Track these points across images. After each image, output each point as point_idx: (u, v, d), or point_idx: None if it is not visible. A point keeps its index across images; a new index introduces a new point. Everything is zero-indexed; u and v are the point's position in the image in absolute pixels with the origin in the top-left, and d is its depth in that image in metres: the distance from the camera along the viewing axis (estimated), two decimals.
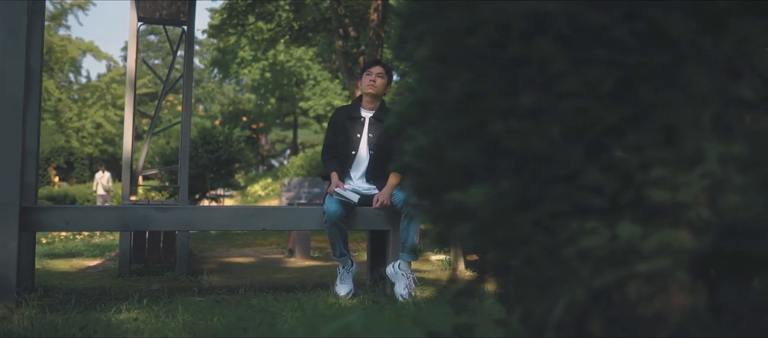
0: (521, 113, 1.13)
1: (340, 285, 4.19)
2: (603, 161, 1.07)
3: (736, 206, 1.05)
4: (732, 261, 1.11)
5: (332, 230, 4.06)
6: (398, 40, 1.43)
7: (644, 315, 1.06)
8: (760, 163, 1.16)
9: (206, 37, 26.14)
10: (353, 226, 4.20)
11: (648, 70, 1.09)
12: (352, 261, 4.26)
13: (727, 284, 1.12)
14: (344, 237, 4.15)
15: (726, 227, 1.08)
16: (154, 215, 3.75)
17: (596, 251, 1.06)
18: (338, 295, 4.08)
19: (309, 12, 16.88)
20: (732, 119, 1.15)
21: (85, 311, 3.39)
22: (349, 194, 4.08)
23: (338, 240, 4.11)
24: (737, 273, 1.12)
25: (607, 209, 1.07)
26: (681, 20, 1.10)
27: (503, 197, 1.10)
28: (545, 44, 1.12)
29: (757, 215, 1.08)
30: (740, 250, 1.09)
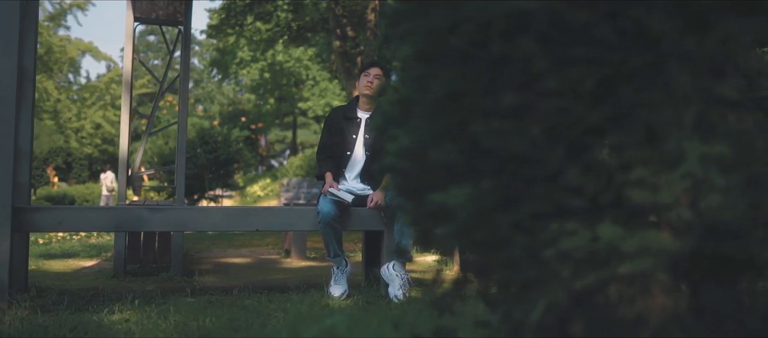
0: (502, 112, 1.12)
1: (335, 285, 4.17)
2: (584, 161, 1.06)
3: (717, 207, 1.04)
4: (714, 263, 1.10)
5: (326, 230, 4.05)
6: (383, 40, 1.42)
7: (625, 317, 1.05)
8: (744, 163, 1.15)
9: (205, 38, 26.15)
10: (347, 226, 4.18)
11: (630, 70, 1.08)
12: (347, 261, 4.24)
13: (710, 285, 1.11)
14: (338, 238, 4.13)
15: (708, 229, 1.07)
16: (148, 215, 3.74)
17: (577, 252, 1.05)
18: (332, 296, 4.07)
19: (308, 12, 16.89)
20: (715, 118, 1.14)
21: (77, 312, 3.38)
22: (343, 194, 4.07)
23: (332, 241, 4.10)
24: (720, 274, 1.11)
25: (588, 210, 1.06)
26: (663, 19, 1.09)
27: (483, 198, 1.09)
28: (527, 43, 1.11)
29: (739, 217, 1.07)
30: (723, 251, 1.08)
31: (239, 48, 28.67)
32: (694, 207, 1.04)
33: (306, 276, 5.21)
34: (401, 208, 1.33)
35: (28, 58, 3.86)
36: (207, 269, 5.68)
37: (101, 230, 4.33)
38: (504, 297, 1.16)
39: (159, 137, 21.28)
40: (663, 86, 1.06)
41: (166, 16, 7.43)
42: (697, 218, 1.05)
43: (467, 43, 1.17)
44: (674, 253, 1.06)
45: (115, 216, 3.75)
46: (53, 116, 33.11)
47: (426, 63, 1.23)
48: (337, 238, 4.12)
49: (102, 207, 4.26)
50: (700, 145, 1.04)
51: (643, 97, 1.06)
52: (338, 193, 4.07)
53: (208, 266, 5.97)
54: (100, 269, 5.70)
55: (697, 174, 1.02)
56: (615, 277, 1.04)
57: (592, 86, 1.07)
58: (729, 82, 1.13)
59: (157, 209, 3.85)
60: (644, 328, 1.05)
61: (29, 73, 3.88)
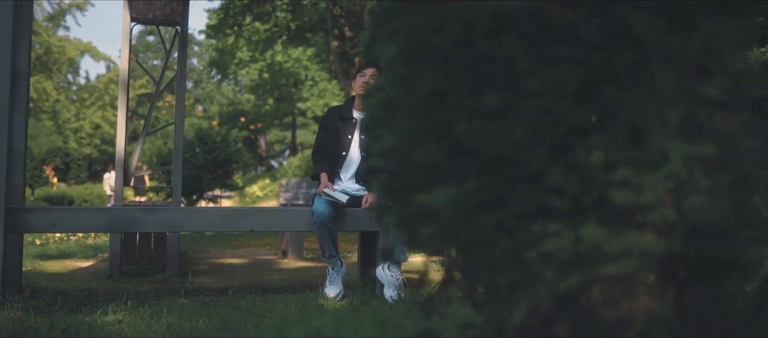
0: (486, 112, 1.11)
1: (330, 286, 4.16)
2: (567, 161, 1.05)
3: (701, 208, 1.03)
4: (699, 264, 1.10)
5: (321, 231, 4.04)
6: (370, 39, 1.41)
7: (609, 319, 1.04)
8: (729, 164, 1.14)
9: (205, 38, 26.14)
10: (342, 227, 4.18)
11: (613, 70, 1.07)
12: (342, 262, 4.24)
13: (695, 286, 1.10)
14: (333, 238, 4.12)
15: (693, 230, 1.07)
16: (142, 216, 3.73)
17: (560, 253, 1.04)
18: (327, 297, 4.06)
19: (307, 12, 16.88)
20: (702, 119, 1.13)
21: (70, 313, 3.37)
22: (338, 194, 4.06)
23: (327, 241, 4.09)
24: (705, 275, 1.10)
25: (571, 211, 1.05)
26: (648, 19, 1.08)
27: (467, 199, 1.09)
28: (510, 43, 1.10)
29: (724, 218, 1.06)
30: (708, 252, 1.07)
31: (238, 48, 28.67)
32: (678, 208, 1.03)
33: (302, 276, 5.20)
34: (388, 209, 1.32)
35: (22, 59, 3.85)
36: (203, 269, 5.67)
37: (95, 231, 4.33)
38: (488, 299, 1.15)
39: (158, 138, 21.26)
40: (647, 85, 1.05)
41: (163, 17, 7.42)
42: (681, 219, 1.04)
43: (452, 43, 1.17)
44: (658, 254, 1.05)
45: (109, 217, 3.74)
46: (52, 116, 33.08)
47: (411, 63, 1.22)
48: (332, 239, 4.11)
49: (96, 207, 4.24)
50: (684, 145, 1.03)
51: (627, 97, 1.05)
52: (333, 193, 4.06)
53: (205, 266, 5.96)
54: (96, 269, 5.69)
55: (680, 175, 1.02)
56: (598, 278, 1.04)
57: (576, 85, 1.07)
58: (715, 82, 1.12)
59: (151, 209, 3.84)
60: (628, 329, 1.04)
61: (23, 73, 3.87)
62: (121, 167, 6.42)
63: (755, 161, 1.22)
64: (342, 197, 4.06)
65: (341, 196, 4.06)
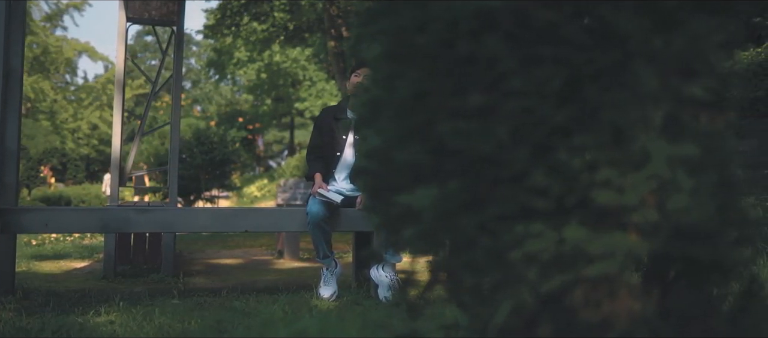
0: (468, 113, 1.10)
1: (324, 286, 4.16)
2: (549, 162, 1.04)
3: (684, 209, 1.03)
4: (683, 265, 1.09)
5: (315, 231, 4.04)
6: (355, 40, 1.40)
7: (591, 320, 1.04)
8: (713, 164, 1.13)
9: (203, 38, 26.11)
10: (337, 227, 4.17)
11: (596, 69, 1.06)
12: (336, 262, 4.23)
13: (678, 287, 1.09)
14: (327, 239, 4.12)
15: (676, 231, 1.06)
16: (135, 217, 3.72)
17: (542, 254, 1.04)
18: (322, 297, 4.06)
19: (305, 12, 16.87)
20: (686, 119, 1.13)
21: (62, 314, 3.36)
22: (332, 194, 4.05)
23: (321, 241, 4.08)
24: (688, 276, 1.09)
25: (554, 212, 1.04)
26: (631, 18, 1.08)
27: (449, 200, 1.08)
28: (493, 42, 1.10)
29: (707, 218, 1.06)
30: (691, 253, 1.06)
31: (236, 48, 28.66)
32: (661, 209, 1.02)
33: (297, 277, 5.19)
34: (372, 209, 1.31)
35: (15, 59, 3.84)
36: (198, 270, 5.66)
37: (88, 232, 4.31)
38: (472, 299, 1.14)
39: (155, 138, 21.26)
40: (629, 85, 1.05)
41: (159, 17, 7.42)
42: (664, 220, 1.03)
43: (435, 43, 1.16)
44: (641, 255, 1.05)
45: (102, 217, 3.72)
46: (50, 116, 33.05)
47: (394, 63, 1.22)
48: (326, 239, 4.11)
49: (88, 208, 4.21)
50: (667, 145, 1.02)
51: (609, 97, 1.04)
52: (327, 194, 4.05)
53: (200, 267, 5.95)
54: (90, 270, 5.68)
55: (663, 175, 1.01)
56: (581, 279, 1.03)
57: (559, 85, 1.06)
58: (699, 82, 1.12)
59: (144, 210, 3.83)
60: (611, 330, 1.04)
61: (17, 73, 3.86)
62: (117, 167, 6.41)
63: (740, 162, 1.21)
64: (336, 197, 4.05)
65: (335, 196, 4.06)
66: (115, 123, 6.53)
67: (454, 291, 1.18)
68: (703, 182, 1.07)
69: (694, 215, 1.03)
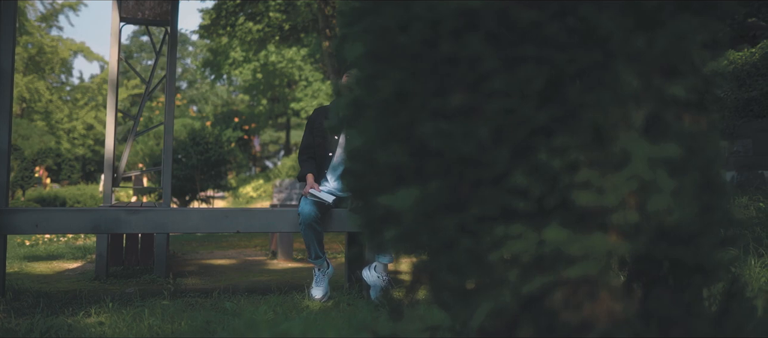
0: (450, 113, 1.09)
1: (316, 287, 4.14)
2: (530, 163, 1.04)
3: (665, 210, 1.02)
4: (664, 267, 1.08)
5: (307, 231, 4.02)
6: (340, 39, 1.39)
7: (572, 322, 1.03)
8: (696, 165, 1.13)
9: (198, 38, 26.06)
10: (328, 228, 4.16)
11: (578, 69, 1.06)
12: (328, 263, 4.21)
13: (660, 289, 1.09)
14: (319, 239, 4.10)
15: (658, 232, 1.05)
16: (125, 217, 3.70)
17: (523, 256, 1.03)
18: (313, 298, 4.04)
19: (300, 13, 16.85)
20: (669, 119, 1.12)
21: (52, 315, 3.34)
22: (324, 195, 4.04)
23: (313, 242, 4.07)
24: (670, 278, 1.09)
25: (535, 213, 1.04)
26: (613, 17, 1.07)
27: (429, 201, 1.07)
28: (475, 42, 1.09)
29: (688, 220, 1.05)
30: (673, 255, 1.06)
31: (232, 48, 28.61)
32: (643, 210, 1.02)
33: (290, 277, 5.17)
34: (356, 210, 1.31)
35: (6, 59, 3.83)
36: (191, 270, 5.64)
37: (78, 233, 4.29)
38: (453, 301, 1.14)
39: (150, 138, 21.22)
40: (611, 85, 1.04)
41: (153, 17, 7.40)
42: (645, 221, 1.03)
43: (417, 43, 1.15)
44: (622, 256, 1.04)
45: (93, 218, 3.71)
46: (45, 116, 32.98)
47: (377, 62, 1.21)
48: (318, 239, 4.09)
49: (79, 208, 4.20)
50: (647, 146, 1.02)
51: (591, 97, 1.03)
52: (319, 194, 4.04)
53: (193, 267, 5.93)
54: (83, 271, 5.66)
55: (644, 176, 1.00)
56: (561, 281, 1.02)
57: (540, 85, 1.05)
58: (681, 82, 1.11)
59: (135, 210, 3.81)
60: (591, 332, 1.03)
61: (8, 73, 3.84)
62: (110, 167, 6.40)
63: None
64: (328, 197, 4.04)
65: (327, 197, 4.04)
66: (109, 123, 6.52)
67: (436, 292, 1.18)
68: (686, 182, 1.06)
69: (676, 216, 1.03)
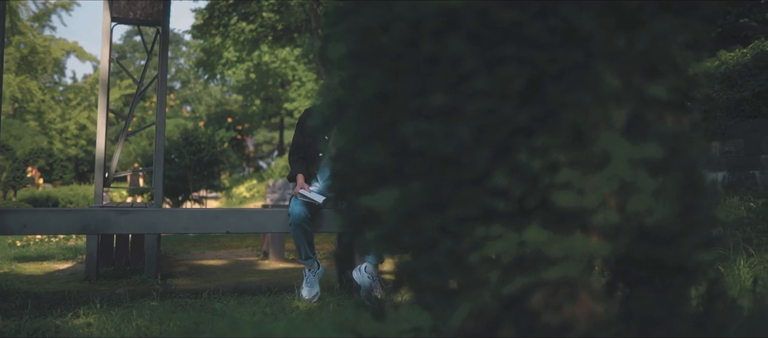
0: (431, 113, 1.09)
1: (306, 288, 4.14)
2: (510, 163, 1.03)
3: (646, 211, 1.02)
4: (646, 267, 1.08)
5: (297, 232, 4.01)
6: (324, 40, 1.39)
7: (553, 323, 1.03)
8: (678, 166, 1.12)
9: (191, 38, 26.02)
10: (319, 228, 4.15)
11: (558, 69, 1.05)
12: (318, 263, 4.21)
13: (641, 290, 1.08)
14: (309, 240, 4.10)
15: (639, 233, 1.05)
16: (115, 218, 3.69)
17: (504, 257, 1.03)
18: (303, 299, 4.04)
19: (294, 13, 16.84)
20: (650, 119, 1.12)
21: (40, 316, 3.33)
22: (314, 195, 4.03)
23: (303, 242, 4.06)
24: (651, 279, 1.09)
25: (515, 214, 1.03)
26: (594, 17, 1.07)
27: (409, 202, 1.06)
28: (456, 42, 1.09)
29: (670, 220, 1.05)
30: (654, 256, 1.05)
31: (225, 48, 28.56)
32: (623, 211, 1.01)
33: (281, 278, 5.16)
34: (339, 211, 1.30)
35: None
36: (182, 271, 5.63)
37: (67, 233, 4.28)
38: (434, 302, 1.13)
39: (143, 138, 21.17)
40: (591, 85, 1.04)
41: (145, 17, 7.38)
42: (626, 222, 1.02)
43: (398, 43, 1.15)
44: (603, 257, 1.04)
45: (82, 219, 3.69)
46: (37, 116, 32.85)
47: (359, 62, 1.20)
48: (308, 240, 4.08)
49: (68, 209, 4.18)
50: (627, 146, 1.01)
51: (571, 97, 1.03)
52: (309, 194, 4.03)
53: (184, 268, 5.92)
54: (73, 271, 5.64)
55: (624, 176, 1.00)
56: (542, 282, 1.02)
57: (521, 86, 1.05)
58: (662, 83, 1.11)
59: (124, 211, 3.80)
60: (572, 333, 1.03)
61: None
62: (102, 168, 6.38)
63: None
64: (318, 198, 4.04)
65: (317, 197, 4.04)
66: (100, 124, 6.50)
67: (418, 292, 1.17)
68: (667, 183, 1.06)
69: (657, 216, 1.02)
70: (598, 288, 1.03)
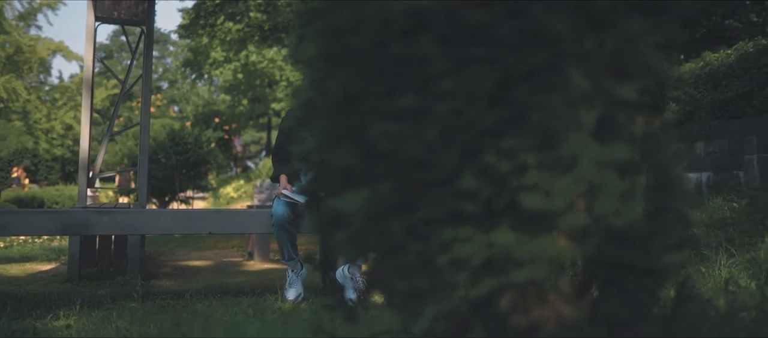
0: (400, 114, 1.08)
1: (290, 288, 4.12)
2: (478, 165, 1.03)
3: (614, 213, 1.01)
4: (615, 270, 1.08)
5: (280, 233, 4.00)
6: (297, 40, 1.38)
7: (521, 325, 1.02)
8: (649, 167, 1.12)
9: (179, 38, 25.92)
10: (302, 228, 4.14)
11: (527, 70, 1.05)
12: (302, 264, 4.19)
13: (609, 292, 1.08)
14: (293, 240, 4.08)
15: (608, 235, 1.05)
16: (95, 219, 3.66)
17: (472, 259, 1.02)
18: (287, 299, 4.02)
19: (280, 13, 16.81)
20: (620, 121, 1.12)
21: (20, 318, 3.30)
22: (297, 196, 4.02)
23: (286, 243, 4.05)
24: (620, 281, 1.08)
25: (484, 216, 1.03)
26: (563, 18, 1.06)
27: (377, 204, 1.06)
28: (425, 43, 1.08)
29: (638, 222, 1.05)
30: (622, 258, 1.05)
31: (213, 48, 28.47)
32: (591, 212, 1.01)
33: (266, 278, 5.14)
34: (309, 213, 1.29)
35: None
36: (166, 272, 5.60)
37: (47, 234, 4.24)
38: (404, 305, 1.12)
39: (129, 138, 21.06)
40: (560, 87, 1.03)
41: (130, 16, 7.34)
42: (594, 224, 1.02)
43: (368, 43, 1.14)
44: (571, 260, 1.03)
45: (62, 220, 3.66)
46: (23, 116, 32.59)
47: (329, 63, 1.19)
48: (291, 240, 4.07)
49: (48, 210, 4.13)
50: (595, 148, 1.01)
51: (539, 98, 1.02)
52: (292, 195, 4.02)
53: (168, 269, 5.89)
54: (56, 273, 5.59)
55: (591, 178, 1.00)
56: (510, 284, 1.01)
57: (490, 87, 1.04)
58: (633, 84, 1.10)
59: (105, 212, 3.78)
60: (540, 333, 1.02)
61: None
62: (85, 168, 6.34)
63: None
64: (301, 198, 4.02)
65: (300, 197, 4.02)
66: (84, 124, 6.47)
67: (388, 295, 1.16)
68: (636, 184, 1.06)
69: (625, 218, 1.02)
70: (568, 289, 1.02)
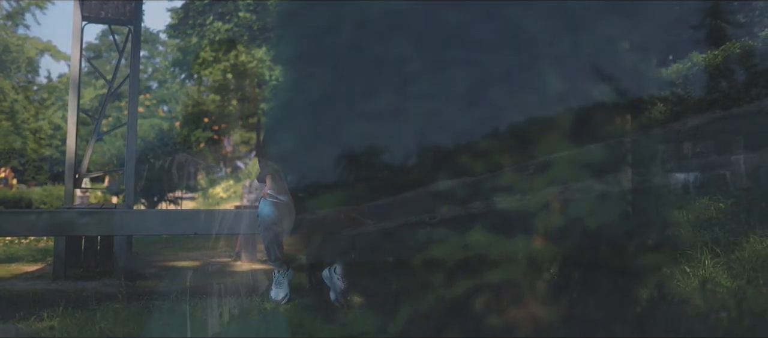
0: (376, 116, 1.08)
1: (276, 289, 4.10)
2: (454, 166, 1.03)
3: (589, 214, 1.01)
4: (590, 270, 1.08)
5: (266, 233, 3.98)
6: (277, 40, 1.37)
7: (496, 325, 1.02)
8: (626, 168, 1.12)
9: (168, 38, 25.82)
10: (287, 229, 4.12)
11: (502, 71, 1.05)
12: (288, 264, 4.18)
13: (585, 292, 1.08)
14: (279, 241, 4.06)
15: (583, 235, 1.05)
16: (79, 219, 3.64)
17: (448, 260, 1.02)
18: (273, 300, 4.01)
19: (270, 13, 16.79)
20: (596, 122, 1.12)
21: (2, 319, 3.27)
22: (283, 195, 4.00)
23: (272, 244, 4.03)
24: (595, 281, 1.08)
25: (460, 217, 1.03)
26: (539, 20, 1.06)
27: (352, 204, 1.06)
28: (401, 43, 1.08)
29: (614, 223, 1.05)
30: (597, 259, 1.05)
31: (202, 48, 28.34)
32: (566, 213, 1.01)
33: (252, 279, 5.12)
34: None
35: None
36: (152, 272, 5.56)
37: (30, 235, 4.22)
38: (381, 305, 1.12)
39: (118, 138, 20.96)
40: (535, 88, 1.03)
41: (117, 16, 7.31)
42: (570, 225, 1.02)
43: (345, 44, 1.14)
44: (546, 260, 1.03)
45: (45, 220, 3.64)
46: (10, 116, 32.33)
47: (306, 64, 1.19)
48: (277, 241, 4.05)
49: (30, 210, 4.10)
50: (571, 149, 1.01)
51: (515, 99, 1.03)
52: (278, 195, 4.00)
53: (155, 269, 5.85)
54: (41, 273, 5.55)
55: (566, 179, 1.00)
56: (485, 285, 1.01)
57: (465, 88, 1.04)
58: (609, 85, 1.11)
59: (89, 212, 3.75)
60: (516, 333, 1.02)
61: None
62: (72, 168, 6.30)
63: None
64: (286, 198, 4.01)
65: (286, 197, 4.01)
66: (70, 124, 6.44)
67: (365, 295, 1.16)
68: (611, 186, 1.06)
69: (600, 219, 1.02)
70: (543, 290, 1.02)
